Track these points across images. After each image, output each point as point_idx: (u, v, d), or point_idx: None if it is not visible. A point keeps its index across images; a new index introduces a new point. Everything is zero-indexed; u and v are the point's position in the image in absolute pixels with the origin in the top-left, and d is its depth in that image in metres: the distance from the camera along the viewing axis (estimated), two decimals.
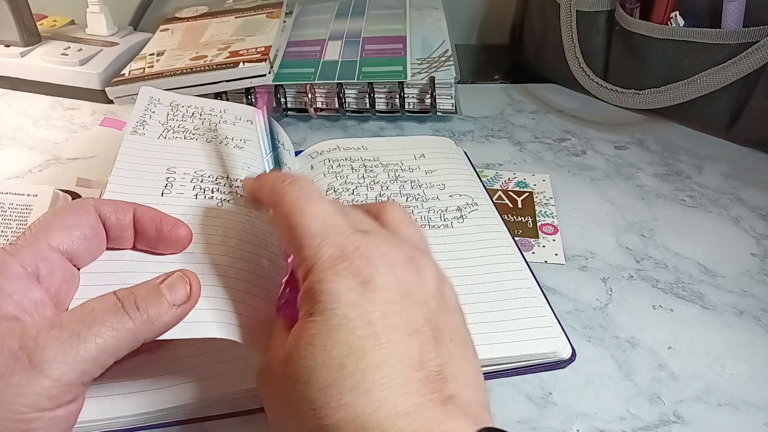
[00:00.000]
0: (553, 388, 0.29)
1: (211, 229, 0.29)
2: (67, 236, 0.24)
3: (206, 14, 0.62)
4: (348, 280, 0.20)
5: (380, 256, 0.21)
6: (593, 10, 0.50)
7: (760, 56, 0.42)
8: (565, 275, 0.36)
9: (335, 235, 0.22)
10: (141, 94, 0.37)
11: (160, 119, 0.35)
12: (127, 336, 0.21)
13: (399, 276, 0.21)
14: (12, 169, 0.44)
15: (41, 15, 0.60)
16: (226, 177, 0.32)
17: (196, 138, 0.35)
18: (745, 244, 0.39)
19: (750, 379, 0.30)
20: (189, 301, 0.24)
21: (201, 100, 0.39)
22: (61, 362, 0.20)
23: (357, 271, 0.21)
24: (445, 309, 0.22)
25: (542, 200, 0.42)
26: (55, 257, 0.23)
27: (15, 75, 0.54)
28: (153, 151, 0.33)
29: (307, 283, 0.21)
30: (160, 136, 0.34)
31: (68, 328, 0.20)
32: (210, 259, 0.27)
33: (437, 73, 0.49)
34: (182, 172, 0.32)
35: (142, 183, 0.30)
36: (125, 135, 0.33)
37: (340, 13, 0.61)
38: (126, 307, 0.22)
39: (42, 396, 0.19)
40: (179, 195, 0.30)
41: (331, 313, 0.20)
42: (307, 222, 0.22)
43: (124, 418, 0.25)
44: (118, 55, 0.54)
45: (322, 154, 0.41)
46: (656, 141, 0.49)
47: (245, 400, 0.27)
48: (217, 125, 0.36)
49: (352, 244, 0.21)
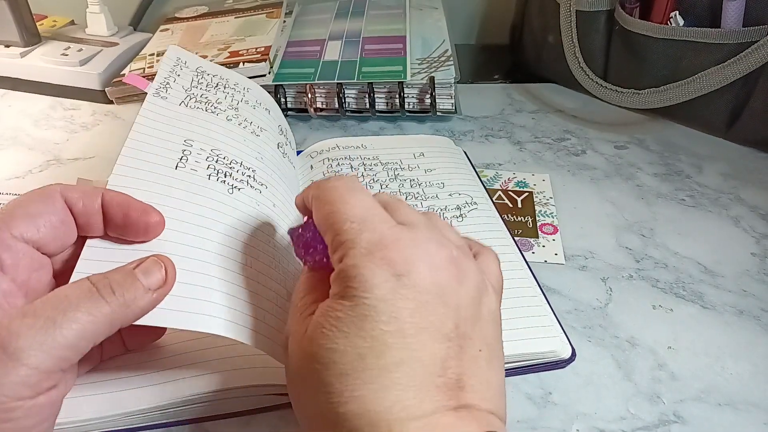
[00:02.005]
0: (552, 388, 0.29)
1: (219, 215, 0.28)
2: (32, 225, 0.23)
3: (206, 14, 0.62)
4: (383, 270, 0.20)
5: (421, 252, 0.21)
6: (593, 10, 0.50)
7: (759, 56, 0.42)
8: (564, 275, 0.36)
9: (377, 222, 0.21)
10: (168, 53, 0.36)
11: (184, 84, 0.34)
12: (103, 320, 0.21)
13: (436, 276, 0.20)
14: (12, 170, 0.44)
15: (41, 15, 0.60)
16: (240, 163, 0.32)
17: (217, 113, 0.34)
18: (745, 243, 0.39)
19: (750, 378, 0.30)
20: (165, 285, 0.23)
21: (227, 71, 0.38)
22: (37, 350, 0.19)
23: (393, 262, 0.20)
24: (478, 318, 0.21)
25: (542, 200, 0.42)
26: (19, 246, 0.23)
27: (15, 75, 0.54)
28: (173, 118, 0.31)
29: (342, 265, 0.21)
30: (181, 103, 0.33)
31: (43, 315, 0.20)
32: (212, 247, 0.26)
33: (437, 73, 0.49)
34: (199, 147, 0.31)
35: (157, 151, 0.29)
36: (148, 96, 0.32)
37: (340, 13, 0.61)
38: (101, 291, 0.21)
39: (20, 384, 0.19)
40: (192, 171, 0.29)
41: (361, 301, 0.20)
42: (347, 209, 0.22)
43: (126, 416, 0.25)
44: (118, 56, 0.55)
45: (322, 154, 0.41)
46: (656, 141, 0.49)
47: (246, 400, 0.27)
48: (239, 104, 0.36)
49: (393, 234, 0.21)
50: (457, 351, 0.20)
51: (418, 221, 0.23)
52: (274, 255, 0.29)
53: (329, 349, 0.19)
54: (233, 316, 0.24)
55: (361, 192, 0.23)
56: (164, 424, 0.26)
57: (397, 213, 0.23)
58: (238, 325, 0.24)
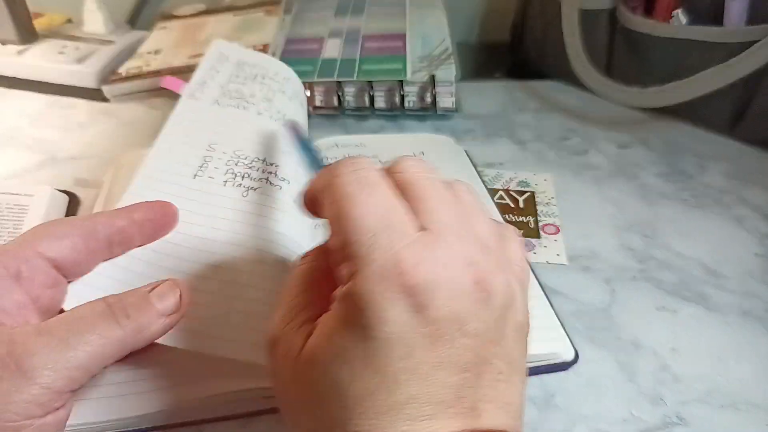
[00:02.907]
0: (555, 390, 0.29)
1: (228, 223, 0.29)
2: (56, 244, 0.24)
3: (204, 12, 0.61)
4: (401, 303, 0.17)
5: (444, 279, 0.18)
6: (595, 8, 0.50)
7: (763, 54, 0.42)
8: (567, 276, 0.36)
9: (393, 236, 0.18)
10: (212, 48, 0.37)
11: (221, 81, 0.35)
12: (116, 344, 0.21)
13: (458, 305, 0.18)
14: (9, 169, 0.44)
15: (38, 13, 0.59)
16: (262, 160, 0.32)
17: (248, 108, 0.35)
18: (749, 244, 0.39)
19: (753, 380, 0.30)
20: (178, 311, 0.23)
21: (269, 60, 0.39)
22: (50, 369, 0.20)
23: (411, 291, 0.17)
24: (501, 338, 0.19)
25: (544, 200, 0.42)
26: (39, 262, 0.23)
27: (11, 74, 0.53)
28: (201, 121, 0.33)
29: (352, 286, 0.18)
30: (214, 103, 0.34)
31: (57, 334, 0.20)
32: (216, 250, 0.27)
33: (437, 71, 0.49)
34: (221, 150, 0.32)
35: (179, 159, 0.31)
36: (181, 99, 0.33)
37: (340, 10, 0.61)
38: (116, 314, 0.22)
39: (31, 403, 0.19)
40: (210, 180, 0.30)
41: (372, 335, 0.17)
42: (359, 213, 0.18)
43: (121, 420, 0.25)
44: (115, 54, 0.54)
45: (321, 153, 0.41)
46: (659, 140, 0.49)
47: (244, 402, 0.27)
48: (275, 94, 0.36)
49: (412, 258, 0.18)
50: (475, 380, 0.18)
51: (447, 219, 0.19)
52: (286, 254, 0.29)
53: (333, 381, 0.18)
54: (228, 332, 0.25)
55: (378, 188, 0.19)
56: (160, 427, 0.26)
57: (423, 205, 0.19)
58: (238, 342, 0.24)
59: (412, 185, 0.20)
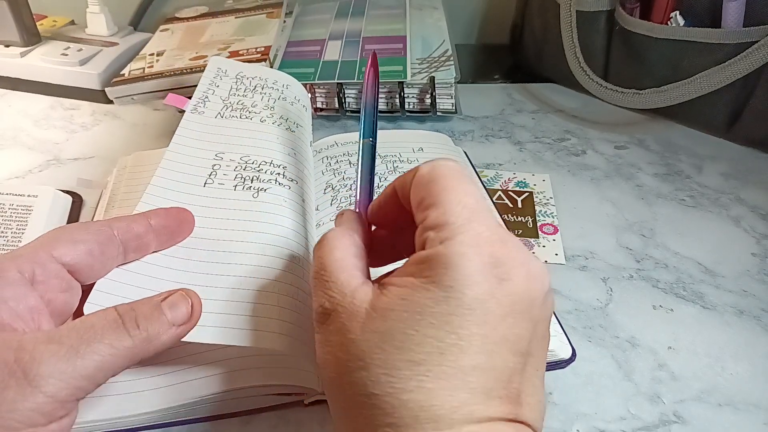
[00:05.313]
0: (552, 388, 0.29)
1: (241, 224, 0.29)
2: (71, 249, 0.24)
3: (206, 14, 0.62)
4: (488, 269, 0.19)
5: (524, 258, 0.20)
6: (593, 10, 0.50)
7: (760, 56, 0.42)
8: (565, 275, 0.36)
9: (487, 217, 0.20)
10: (209, 65, 0.38)
11: (222, 95, 0.36)
12: (125, 354, 0.21)
13: (532, 287, 0.19)
14: (12, 170, 0.44)
15: (41, 15, 0.60)
16: (270, 162, 0.33)
17: (251, 117, 0.36)
18: (746, 243, 0.39)
19: (750, 378, 0.30)
20: (189, 321, 0.23)
21: (267, 71, 0.40)
22: (57, 378, 0.19)
23: (499, 262, 0.19)
24: (543, 337, 0.21)
25: (542, 200, 0.42)
26: (53, 266, 0.23)
27: (15, 75, 0.54)
28: (207, 133, 0.34)
29: (443, 248, 0.19)
30: (217, 115, 0.35)
31: (66, 343, 0.20)
32: (231, 258, 0.27)
33: (437, 73, 0.49)
34: (229, 158, 0.33)
35: (189, 170, 0.31)
36: (186, 114, 0.34)
37: (340, 13, 0.61)
38: (126, 324, 0.21)
39: (35, 412, 0.19)
40: (220, 186, 0.31)
41: (456, 294, 0.18)
42: (462, 193, 0.20)
43: (126, 419, 0.25)
44: (118, 56, 0.54)
45: (321, 152, 0.41)
46: (656, 141, 0.49)
47: (246, 400, 0.27)
48: (275, 102, 0.37)
49: (502, 233, 0.20)
50: (522, 367, 0.19)
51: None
52: (299, 250, 0.29)
53: (406, 333, 0.18)
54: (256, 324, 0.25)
55: (474, 184, 0.22)
56: (163, 425, 0.26)
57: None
58: (260, 331, 0.25)
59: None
